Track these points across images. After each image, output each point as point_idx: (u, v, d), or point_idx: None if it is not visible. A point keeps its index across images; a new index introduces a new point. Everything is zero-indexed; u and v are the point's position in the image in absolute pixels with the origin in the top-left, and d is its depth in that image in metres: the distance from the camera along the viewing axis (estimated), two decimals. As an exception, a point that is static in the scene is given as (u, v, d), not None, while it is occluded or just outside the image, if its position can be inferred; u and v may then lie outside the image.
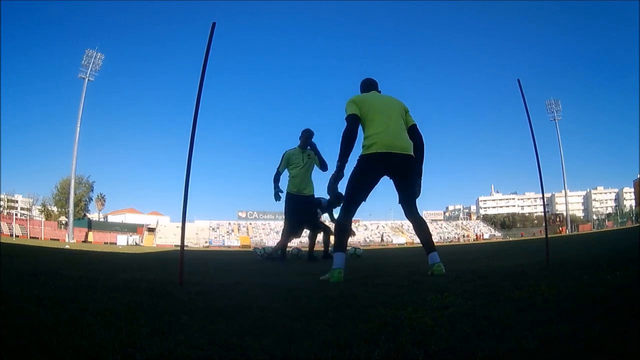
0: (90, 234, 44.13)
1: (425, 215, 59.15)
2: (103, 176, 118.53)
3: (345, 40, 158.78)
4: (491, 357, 0.87)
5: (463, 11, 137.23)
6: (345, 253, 2.70)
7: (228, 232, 56.72)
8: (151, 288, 1.99)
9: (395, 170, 2.80)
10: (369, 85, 3.12)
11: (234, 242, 49.87)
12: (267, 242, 43.90)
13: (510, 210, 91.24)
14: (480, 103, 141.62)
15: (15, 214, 47.98)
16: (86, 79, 39.66)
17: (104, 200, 58.58)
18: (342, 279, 2.48)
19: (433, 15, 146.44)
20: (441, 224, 63.90)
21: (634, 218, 44.23)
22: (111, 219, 62.48)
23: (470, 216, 77.52)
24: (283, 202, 5.42)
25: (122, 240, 42.98)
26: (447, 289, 1.85)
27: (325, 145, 5.32)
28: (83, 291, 1.84)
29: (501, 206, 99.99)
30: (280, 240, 5.65)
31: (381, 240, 49.30)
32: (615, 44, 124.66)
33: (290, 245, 5.99)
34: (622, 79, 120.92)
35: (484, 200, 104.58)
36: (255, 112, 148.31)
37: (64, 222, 44.53)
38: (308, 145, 5.39)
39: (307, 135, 5.36)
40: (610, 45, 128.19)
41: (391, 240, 49.86)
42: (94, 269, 3.51)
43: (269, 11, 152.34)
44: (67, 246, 12.05)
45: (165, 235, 50.08)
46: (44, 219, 47.59)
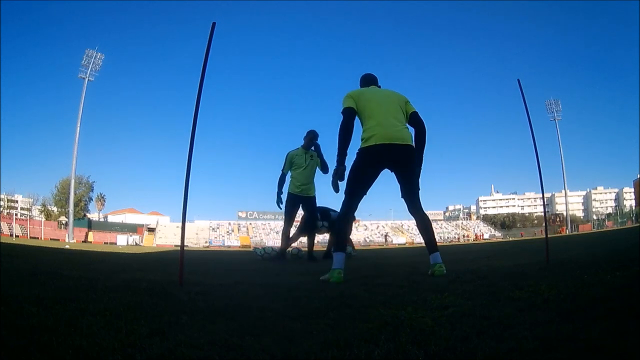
0: (90, 234, 44.11)
1: (425, 215, 58.77)
2: (103, 176, 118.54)
3: (345, 40, 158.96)
4: (491, 357, 0.87)
5: (463, 11, 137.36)
6: (346, 253, 2.70)
7: (228, 232, 56.71)
8: (151, 288, 1.99)
9: (395, 161, 2.78)
10: (368, 80, 3.11)
11: (234, 242, 49.83)
12: (267, 242, 43.94)
13: (510, 210, 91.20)
14: (480, 103, 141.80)
15: (15, 214, 47.94)
16: (86, 79, 39.66)
17: (104, 200, 58.63)
18: (342, 279, 2.47)
19: (433, 15, 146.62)
20: (441, 224, 63.86)
21: (634, 218, 44.20)
22: (111, 219, 62.46)
23: (470, 216, 77.49)
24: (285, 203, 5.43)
25: (122, 240, 42.95)
26: (447, 289, 1.85)
27: (326, 145, 5.32)
28: (83, 291, 1.84)
29: (501, 206, 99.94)
30: (291, 239, 5.60)
31: (385, 240, 49.18)
32: (615, 44, 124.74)
33: (291, 245, 5.94)
34: (622, 79, 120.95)
35: (484, 200, 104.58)
36: (256, 112, 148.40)
37: (64, 222, 44.52)
38: (312, 147, 5.39)
39: (312, 136, 5.39)
40: (610, 45, 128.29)
41: (391, 240, 49.78)
42: (94, 269, 3.51)
43: (269, 11, 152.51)
44: (67, 246, 12.04)
45: (165, 235, 50.06)
46: (44, 219, 47.56)
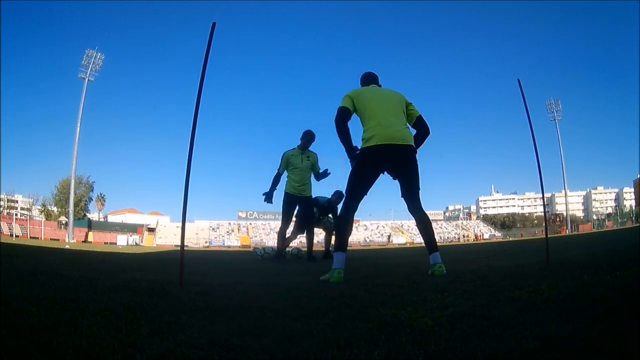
0: (90, 234, 44.12)
1: (425, 215, 58.80)
2: (103, 176, 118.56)
3: (345, 40, 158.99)
4: (491, 357, 0.87)
5: (463, 11, 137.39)
6: (346, 253, 2.69)
7: (228, 232, 56.70)
8: (151, 288, 1.99)
9: (396, 162, 2.78)
10: (369, 78, 3.11)
11: (234, 242, 49.83)
12: (267, 242, 43.89)
13: (510, 210, 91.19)
14: (480, 103, 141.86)
15: (15, 214, 47.97)
16: (86, 79, 39.69)
17: (104, 200, 58.66)
18: (342, 279, 2.47)
19: (433, 15, 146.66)
20: (441, 224, 63.84)
21: (634, 218, 44.19)
22: (111, 219, 62.46)
23: (470, 216, 77.48)
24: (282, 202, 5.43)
25: (122, 240, 42.96)
26: (447, 289, 1.85)
27: (325, 144, 5.33)
28: (83, 291, 1.84)
29: (501, 206, 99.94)
30: (287, 239, 5.61)
31: (388, 240, 49.13)
32: (615, 44, 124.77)
33: (290, 245, 5.94)
34: (622, 79, 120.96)
35: (484, 200, 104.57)
36: (255, 112, 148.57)
37: (64, 222, 44.54)
38: (308, 147, 5.40)
39: (309, 137, 5.38)
40: (610, 45, 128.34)
41: (392, 240, 49.78)
42: (94, 269, 3.51)
43: (269, 11, 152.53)
44: (67, 246, 12.05)
45: (165, 235, 50.06)
46: (44, 219, 47.58)
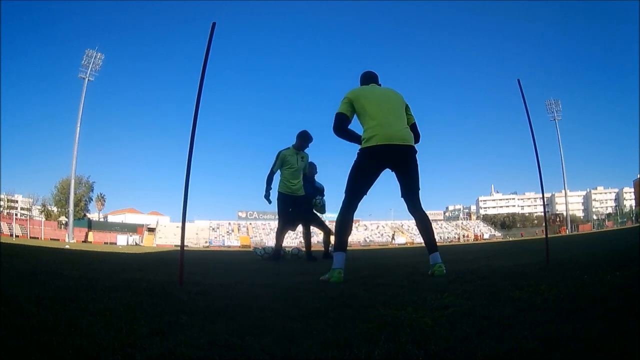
0: (90, 234, 44.14)
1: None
2: (103, 176, 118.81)
3: (345, 40, 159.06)
4: (491, 357, 0.87)
5: (463, 11, 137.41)
6: (346, 252, 2.69)
7: (228, 232, 56.71)
8: (151, 288, 1.99)
9: (396, 162, 2.78)
10: (368, 78, 3.10)
11: (234, 242, 49.85)
12: (267, 242, 43.88)
13: (510, 210, 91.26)
14: (480, 103, 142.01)
15: (15, 214, 47.97)
16: (86, 79, 39.73)
17: (104, 200, 58.67)
18: (342, 279, 2.47)
19: (433, 15, 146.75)
20: (441, 224, 63.84)
21: (634, 218, 44.21)
22: (111, 219, 62.48)
23: (470, 216, 77.51)
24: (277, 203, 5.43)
25: (122, 240, 42.98)
26: (447, 289, 1.85)
27: (325, 144, 5.33)
28: (83, 291, 1.84)
29: (501, 206, 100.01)
30: (277, 241, 5.62)
31: (392, 239, 49.07)
32: (615, 44, 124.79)
33: (290, 245, 5.95)
34: (622, 79, 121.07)
35: (484, 200, 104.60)
36: (255, 112, 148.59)
37: (64, 222, 44.55)
38: (304, 148, 5.39)
39: (307, 139, 5.37)
40: (610, 45, 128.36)
41: (395, 240, 49.81)
42: (94, 269, 3.51)
43: (269, 11, 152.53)
44: (67, 246, 12.04)
45: (165, 235, 50.07)
46: (44, 219, 47.60)
